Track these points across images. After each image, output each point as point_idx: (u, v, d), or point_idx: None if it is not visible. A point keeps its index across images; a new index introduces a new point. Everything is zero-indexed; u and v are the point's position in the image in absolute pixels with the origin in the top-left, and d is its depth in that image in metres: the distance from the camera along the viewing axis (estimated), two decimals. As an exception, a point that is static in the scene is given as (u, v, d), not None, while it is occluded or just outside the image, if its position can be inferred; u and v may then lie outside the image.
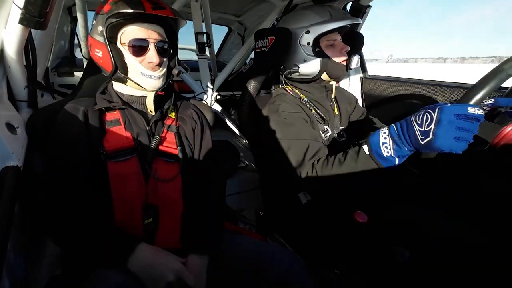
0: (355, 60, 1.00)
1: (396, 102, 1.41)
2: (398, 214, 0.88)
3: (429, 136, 0.59)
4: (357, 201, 0.96)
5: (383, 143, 0.68)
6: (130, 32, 0.74)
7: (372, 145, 0.71)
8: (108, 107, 0.78)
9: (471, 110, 0.57)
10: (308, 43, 0.98)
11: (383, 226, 0.85)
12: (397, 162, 0.68)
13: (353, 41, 1.08)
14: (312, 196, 1.03)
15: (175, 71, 0.82)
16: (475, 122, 0.58)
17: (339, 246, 0.90)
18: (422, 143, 0.60)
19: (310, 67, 1.01)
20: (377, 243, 0.83)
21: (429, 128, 0.59)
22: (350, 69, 1.02)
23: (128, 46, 0.74)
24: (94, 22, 0.77)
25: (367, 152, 0.71)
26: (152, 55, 0.74)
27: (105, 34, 0.72)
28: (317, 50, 0.98)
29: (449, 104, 0.60)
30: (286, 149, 0.91)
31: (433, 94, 1.25)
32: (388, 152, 0.67)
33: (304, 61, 1.00)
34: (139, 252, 0.63)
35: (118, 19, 0.72)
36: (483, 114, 0.58)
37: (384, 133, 0.69)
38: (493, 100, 0.66)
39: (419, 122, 0.61)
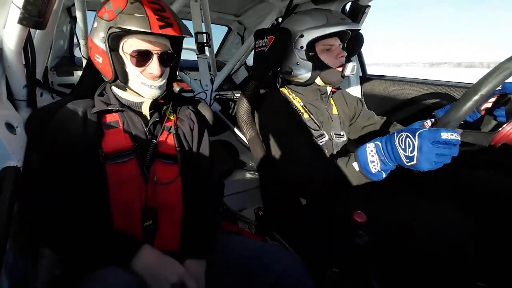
0: (350, 67, 0.98)
1: (395, 102, 1.41)
2: (396, 215, 0.88)
3: (413, 161, 0.67)
4: (356, 201, 0.96)
5: (371, 161, 0.76)
6: (134, 43, 0.72)
7: (361, 163, 0.78)
8: (107, 110, 0.77)
9: (444, 136, 0.62)
10: (302, 47, 0.98)
11: (381, 226, 0.85)
12: (383, 176, 0.77)
13: (351, 42, 1.08)
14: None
15: (176, 88, 0.81)
16: (453, 147, 0.64)
17: (339, 245, 0.90)
18: (407, 164, 0.69)
19: (302, 70, 1.01)
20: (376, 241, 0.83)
21: (412, 154, 0.66)
22: (344, 76, 1.00)
23: (131, 56, 0.72)
24: (96, 24, 0.75)
25: (357, 168, 0.78)
26: (154, 66, 0.73)
27: (107, 41, 0.70)
28: (311, 54, 0.98)
29: (427, 128, 0.66)
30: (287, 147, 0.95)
31: (432, 93, 1.26)
32: (375, 168, 0.76)
33: (297, 64, 1.01)
34: (144, 253, 0.63)
35: (121, 31, 0.70)
36: (459, 139, 0.63)
37: (371, 151, 0.76)
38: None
39: (403, 147, 0.68)
